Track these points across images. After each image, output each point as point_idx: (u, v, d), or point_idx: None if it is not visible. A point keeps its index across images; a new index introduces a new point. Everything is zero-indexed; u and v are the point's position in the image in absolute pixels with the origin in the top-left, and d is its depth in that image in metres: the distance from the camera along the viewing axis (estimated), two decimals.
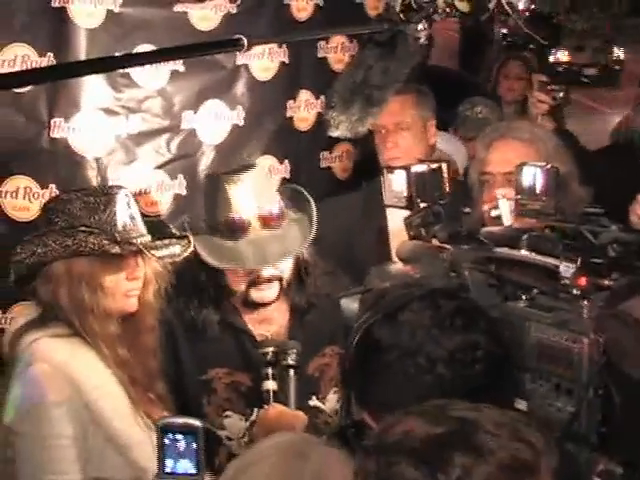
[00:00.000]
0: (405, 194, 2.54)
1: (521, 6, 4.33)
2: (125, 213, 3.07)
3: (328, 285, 3.56)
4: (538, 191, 2.47)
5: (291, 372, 3.23)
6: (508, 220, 2.85)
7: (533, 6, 5.03)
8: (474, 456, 1.52)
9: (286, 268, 3.40)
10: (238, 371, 3.43)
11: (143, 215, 3.25)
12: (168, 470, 2.22)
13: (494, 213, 2.84)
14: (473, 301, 2.15)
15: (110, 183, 3.89)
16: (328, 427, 3.49)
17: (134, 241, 3.04)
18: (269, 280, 3.35)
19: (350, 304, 2.43)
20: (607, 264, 2.11)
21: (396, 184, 2.56)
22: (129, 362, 3.07)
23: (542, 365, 2.09)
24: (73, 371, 2.93)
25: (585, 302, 2.06)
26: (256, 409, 3.38)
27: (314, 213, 3.41)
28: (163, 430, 2.20)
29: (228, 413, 3.42)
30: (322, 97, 4.54)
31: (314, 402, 3.48)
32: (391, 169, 2.58)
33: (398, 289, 2.17)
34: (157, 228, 3.23)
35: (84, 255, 2.97)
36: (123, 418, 2.99)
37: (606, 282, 2.08)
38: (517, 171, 2.54)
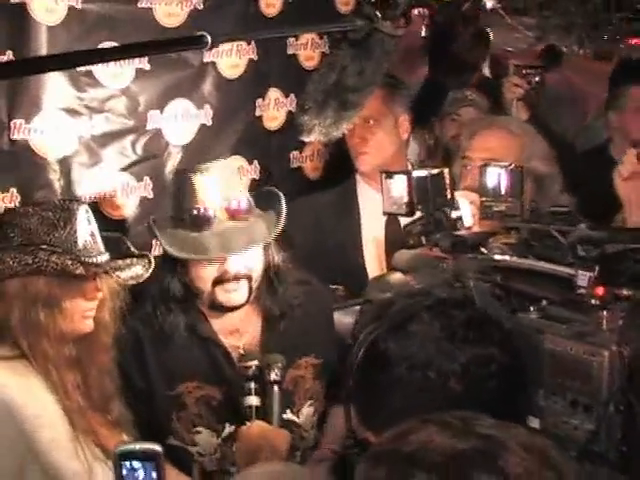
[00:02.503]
0: (405, 200, 2.42)
1: (489, 5, 4.29)
2: (85, 230, 2.94)
3: (302, 295, 3.44)
4: (503, 192, 2.42)
5: (275, 387, 3.13)
6: (468, 220, 2.77)
7: (500, 5, 4.99)
8: (500, 477, 1.39)
9: (255, 267, 3.29)
10: (209, 384, 3.32)
11: (103, 229, 3.12)
12: None
13: (454, 215, 2.75)
14: (485, 312, 2.04)
15: (73, 186, 3.77)
16: (303, 442, 3.41)
17: (97, 261, 2.91)
18: (236, 278, 3.23)
19: (343, 317, 2.31)
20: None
21: (395, 190, 2.44)
22: (80, 388, 2.92)
23: (557, 380, 2.00)
24: (11, 398, 2.76)
25: (604, 312, 1.96)
26: (227, 424, 3.28)
27: (283, 207, 3.32)
28: (121, 457, 2.07)
29: (199, 429, 3.31)
30: (292, 95, 4.44)
31: (288, 415, 3.36)
32: (390, 174, 2.46)
33: (404, 299, 2.05)
34: (114, 245, 3.11)
35: (43, 274, 2.82)
36: (62, 451, 2.83)
37: (624, 292, 1.99)
38: (480, 172, 2.47)
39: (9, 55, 3.52)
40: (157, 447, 2.05)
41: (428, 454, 1.43)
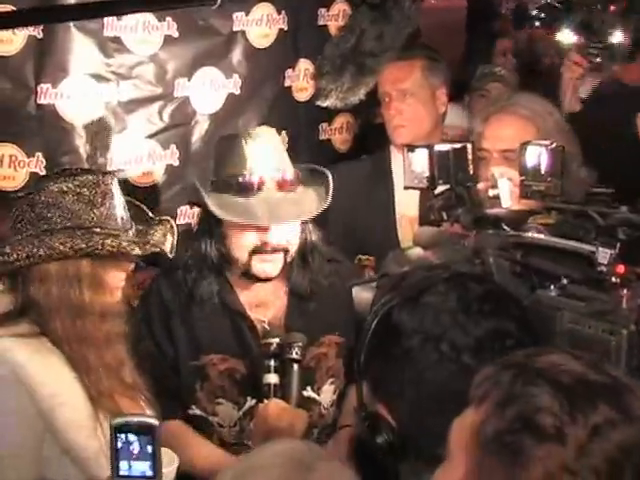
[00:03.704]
0: (427, 174, 2.36)
1: None
2: (120, 204, 2.89)
3: (331, 274, 3.40)
4: (543, 172, 2.31)
5: (295, 366, 3.08)
6: (507, 201, 2.68)
7: None
8: (621, 414, 1.42)
9: (293, 241, 3.26)
10: (233, 357, 3.29)
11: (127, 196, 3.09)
12: (123, 473, 2.08)
13: (492, 193, 2.68)
14: (503, 287, 2.00)
15: (99, 152, 3.74)
16: (322, 419, 3.39)
17: (151, 239, 2.90)
18: (275, 250, 3.20)
19: (362, 293, 2.26)
20: None
21: (417, 164, 2.38)
22: (106, 366, 2.86)
23: None
24: (29, 376, 2.70)
25: (624, 291, 1.91)
26: (249, 398, 3.27)
27: (330, 182, 3.29)
28: (117, 430, 2.05)
29: (220, 400, 3.29)
30: None
31: (309, 393, 3.34)
32: (411, 147, 2.40)
33: (421, 271, 2.01)
34: (137, 215, 3.07)
35: (92, 256, 2.78)
36: (80, 430, 2.77)
37: None
38: (521, 151, 2.38)
39: None
40: (153, 421, 2.03)
41: (558, 373, 1.46)
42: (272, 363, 3.09)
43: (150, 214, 3.13)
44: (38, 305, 2.78)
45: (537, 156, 2.33)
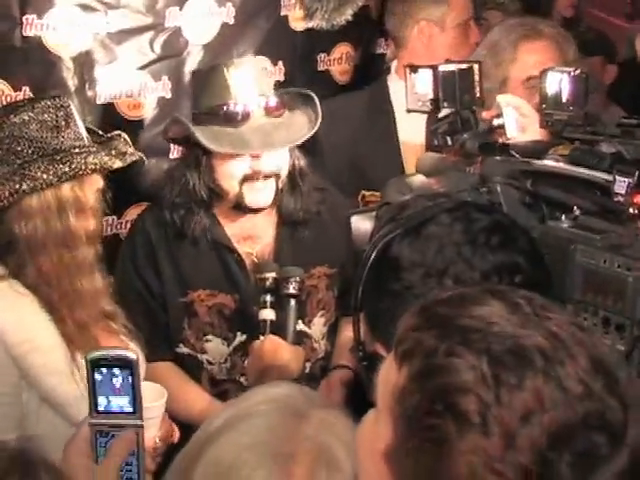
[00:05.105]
0: (431, 96, 2.24)
1: None
2: (82, 125, 2.84)
3: (319, 202, 3.34)
4: (564, 100, 2.20)
5: (292, 302, 3.03)
6: (513, 131, 2.57)
7: None
8: (556, 389, 1.22)
9: (283, 166, 3.19)
10: (221, 293, 3.24)
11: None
12: (101, 408, 1.97)
13: (496, 122, 2.55)
14: (512, 218, 1.87)
15: (88, 85, 3.67)
16: (313, 353, 3.34)
17: (125, 150, 2.85)
18: (266, 177, 3.13)
19: (361, 223, 2.14)
20: None
21: (420, 85, 2.27)
22: (97, 292, 2.83)
23: (588, 296, 1.83)
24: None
25: None
26: (239, 333, 3.22)
27: (318, 105, 3.23)
28: (94, 364, 1.95)
29: (209, 337, 3.25)
30: None
31: (300, 326, 3.26)
32: (415, 68, 2.28)
33: (423, 200, 1.87)
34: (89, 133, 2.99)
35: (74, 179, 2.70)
36: (56, 374, 2.73)
37: None
38: (541, 77, 2.27)
39: None
40: (131, 354, 1.95)
41: (487, 337, 1.27)
42: (268, 298, 3.03)
43: (100, 132, 3.07)
44: (17, 244, 2.71)
45: (558, 83, 2.22)
